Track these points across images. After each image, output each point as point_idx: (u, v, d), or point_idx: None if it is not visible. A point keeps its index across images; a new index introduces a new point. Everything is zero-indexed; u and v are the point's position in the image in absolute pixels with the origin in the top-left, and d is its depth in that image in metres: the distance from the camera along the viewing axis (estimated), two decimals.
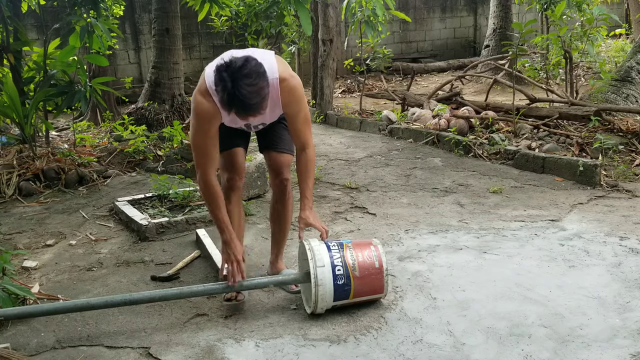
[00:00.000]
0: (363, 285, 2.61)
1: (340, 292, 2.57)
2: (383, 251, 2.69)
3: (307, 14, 5.67)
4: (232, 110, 2.33)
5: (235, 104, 2.28)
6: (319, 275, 2.53)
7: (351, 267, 2.58)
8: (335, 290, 2.56)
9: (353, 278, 2.57)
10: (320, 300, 2.55)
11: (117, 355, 2.43)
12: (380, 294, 2.68)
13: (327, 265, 2.55)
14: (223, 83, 2.26)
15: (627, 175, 4.55)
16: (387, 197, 4.41)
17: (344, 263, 2.58)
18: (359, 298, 2.65)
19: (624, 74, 6.51)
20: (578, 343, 2.36)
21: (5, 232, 3.98)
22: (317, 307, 2.58)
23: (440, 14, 13.59)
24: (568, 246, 3.33)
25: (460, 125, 6.01)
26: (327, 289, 2.54)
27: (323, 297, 2.55)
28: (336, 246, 2.64)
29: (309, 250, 2.59)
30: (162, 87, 6.89)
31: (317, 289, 2.53)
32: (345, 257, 2.60)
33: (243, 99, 2.25)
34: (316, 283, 2.52)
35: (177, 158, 5.34)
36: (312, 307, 2.59)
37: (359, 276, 2.58)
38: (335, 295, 2.57)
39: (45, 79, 5.24)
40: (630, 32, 11.76)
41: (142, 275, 3.21)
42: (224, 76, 2.26)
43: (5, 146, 5.41)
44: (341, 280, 2.56)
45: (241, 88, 2.23)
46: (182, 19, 7.47)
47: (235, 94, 2.24)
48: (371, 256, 2.64)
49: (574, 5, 6.86)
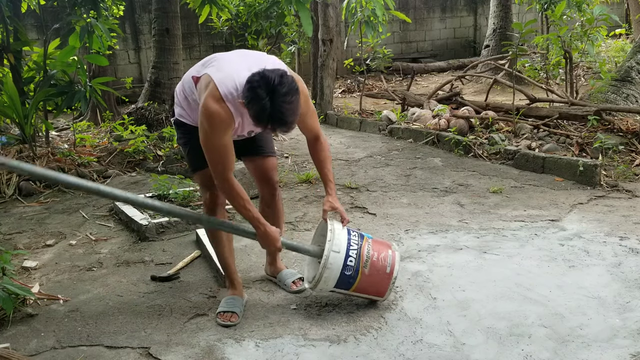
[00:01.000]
0: (368, 284, 2.61)
1: (344, 282, 2.59)
2: (399, 259, 2.69)
3: (308, 14, 5.67)
4: (262, 125, 2.31)
5: (272, 120, 2.26)
6: (330, 259, 2.54)
7: (363, 262, 2.59)
8: (339, 278, 2.57)
9: (361, 273, 2.58)
10: (322, 281, 2.57)
11: (117, 355, 2.43)
12: (380, 297, 2.69)
13: (342, 252, 2.55)
14: (259, 100, 2.22)
15: (627, 175, 4.55)
16: (387, 197, 4.41)
17: (358, 255, 2.58)
18: (358, 294, 2.66)
19: (624, 74, 6.51)
20: (578, 343, 2.36)
21: (5, 232, 3.98)
22: (317, 287, 2.61)
23: (440, 14, 13.59)
24: (568, 246, 3.33)
25: (460, 125, 6.01)
26: (332, 274, 2.56)
27: (326, 280, 2.57)
28: (357, 237, 2.64)
29: (331, 231, 2.59)
30: (162, 87, 6.89)
31: (323, 270, 2.54)
32: (362, 250, 2.60)
33: (282, 117, 2.24)
34: (325, 265, 2.54)
35: (177, 158, 5.35)
36: (312, 285, 2.62)
37: (367, 274, 2.59)
38: (337, 282, 2.59)
39: (45, 79, 5.24)
40: (630, 32, 11.77)
41: (142, 275, 3.21)
42: (260, 93, 2.22)
43: (5, 146, 5.41)
44: (349, 271, 2.57)
45: (281, 107, 2.22)
46: (182, 19, 7.47)
47: (273, 111, 2.23)
48: (386, 259, 2.64)
49: (574, 5, 6.87)
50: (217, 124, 2.41)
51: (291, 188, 4.63)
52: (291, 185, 4.69)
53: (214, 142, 2.44)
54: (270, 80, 2.23)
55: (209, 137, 2.44)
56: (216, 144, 2.45)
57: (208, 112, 2.40)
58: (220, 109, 2.39)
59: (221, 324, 2.63)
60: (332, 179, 2.75)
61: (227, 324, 2.62)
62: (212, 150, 2.47)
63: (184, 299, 2.90)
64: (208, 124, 2.41)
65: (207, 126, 2.42)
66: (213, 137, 2.43)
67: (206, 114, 2.41)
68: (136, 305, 2.85)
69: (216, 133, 2.43)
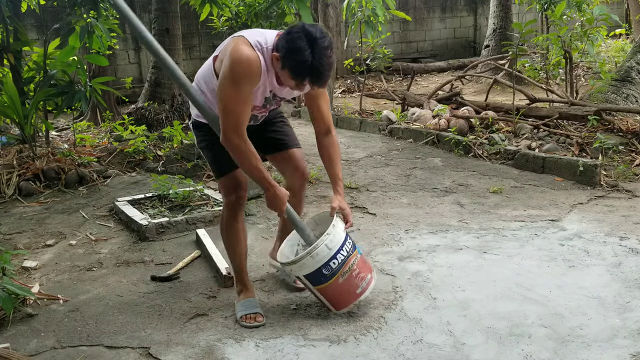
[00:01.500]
0: (334, 291, 2.58)
1: (316, 277, 2.55)
2: (373, 287, 2.67)
3: (308, 12, 5.66)
4: (300, 80, 2.27)
5: (312, 73, 2.24)
6: (319, 251, 2.50)
7: (343, 271, 2.55)
8: (315, 272, 2.53)
9: (335, 279, 2.54)
10: (298, 266, 2.53)
11: (117, 355, 2.43)
12: (335, 309, 2.64)
13: (332, 251, 2.52)
14: (300, 51, 2.19)
15: (627, 175, 4.55)
16: (387, 197, 4.41)
17: (343, 263, 2.55)
18: (319, 294, 2.62)
19: (624, 74, 6.51)
20: (578, 343, 2.36)
21: (5, 232, 3.98)
22: (290, 267, 2.57)
23: (440, 14, 13.59)
24: (568, 246, 3.33)
25: (460, 125, 6.01)
26: (311, 265, 2.51)
27: (301, 267, 2.53)
28: (350, 245, 2.61)
29: (333, 226, 2.56)
30: (162, 87, 6.90)
31: (306, 257, 2.50)
32: (348, 259, 2.57)
33: (322, 69, 2.23)
34: (310, 253, 2.50)
35: (177, 158, 5.35)
36: (287, 263, 2.57)
37: (339, 283, 2.55)
38: (310, 274, 2.54)
39: (45, 79, 5.24)
40: (630, 32, 11.77)
41: (142, 275, 3.21)
42: (301, 44, 2.19)
43: (5, 146, 5.41)
44: (327, 271, 2.53)
45: (322, 60, 2.21)
46: (182, 19, 7.47)
47: (314, 63, 2.21)
48: (363, 280, 2.62)
49: (574, 5, 6.86)
50: (244, 71, 2.29)
51: None
52: None
53: (234, 91, 2.30)
54: (312, 32, 2.22)
55: (231, 85, 2.30)
56: (237, 94, 2.30)
57: (237, 56, 2.28)
58: (251, 55, 2.29)
59: (249, 326, 2.58)
60: (342, 177, 2.71)
61: (256, 325, 2.58)
62: (230, 100, 2.31)
63: (184, 299, 2.90)
64: (234, 70, 2.28)
65: (232, 73, 2.29)
66: (236, 85, 2.29)
67: (235, 57, 2.28)
68: (136, 305, 2.85)
69: (241, 82, 2.29)
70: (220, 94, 2.35)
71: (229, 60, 2.30)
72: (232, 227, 2.69)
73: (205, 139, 2.66)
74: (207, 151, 2.69)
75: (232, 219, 2.68)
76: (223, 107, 2.35)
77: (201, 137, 2.69)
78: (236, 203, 2.65)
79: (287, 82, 2.35)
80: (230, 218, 2.68)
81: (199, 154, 5.31)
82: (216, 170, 2.69)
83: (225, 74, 2.32)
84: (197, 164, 5.19)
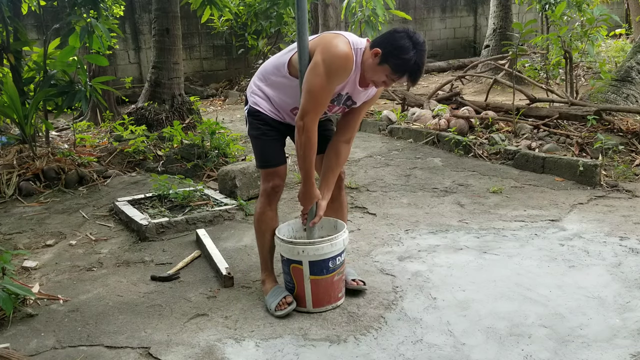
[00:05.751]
0: (325, 287, 2.68)
1: (320, 267, 2.64)
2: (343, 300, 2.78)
3: None
4: (399, 75, 2.42)
5: (412, 70, 2.42)
6: (337, 242, 2.64)
7: (339, 271, 2.72)
8: (323, 261, 2.63)
9: (332, 275, 2.68)
10: (315, 248, 2.60)
11: (117, 355, 2.43)
12: (310, 307, 2.70)
13: (341, 248, 2.68)
14: (406, 50, 2.37)
15: (627, 175, 4.55)
16: (387, 197, 4.41)
17: (340, 264, 2.71)
18: (307, 286, 2.67)
19: (624, 74, 6.51)
20: (578, 343, 2.36)
21: (5, 232, 3.98)
22: (304, 248, 2.61)
23: (440, 14, 13.60)
24: (568, 246, 3.33)
25: (460, 125, 6.01)
26: (325, 252, 2.61)
27: (317, 250, 2.60)
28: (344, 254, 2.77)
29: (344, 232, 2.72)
30: (162, 87, 6.89)
31: (326, 242, 2.61)
32: (343, 264, 2.74)
33: (421, 68, 2.43)
34: (331, 240, 2.62)
35: (177, 158, 5.35)
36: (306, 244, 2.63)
37: (334, 280, 2.70)
38: (317, 262, 2.62)
39: (45, 79, 5.24)
40: (630, 32, 11.78)
41: (142, 275, 3.21)
42: (407, 44, 2.38)
43: (5, 146, 5.41)
44: (332, 264, 2.65)
45: (422, 58, 2.42)
46: (182, 19, 7.47)
47: (417, 61, 2.40)
48: (343, 288, 2.79)
49: (574, 5, 6.86)
50: (341, 66, 2.43)
51: (291, 188, 4.62)
52: (291, 185, 4.68)
53: (326, 81, 2.42)
54: (415, 36, 2.42)
55: (324, 74, 2.41)
56: (327, 84, 2.44)
57: (337, 51, 2.42)
58: (350, 53, 2.44)
59: (283, 314, 2.65)
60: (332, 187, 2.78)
61: (288, 309, 2.65)
62: (320, 87, 2.43)
63: (184, 299, 2.90)
64: (332, 63, 2.41)
65: (329, 65, 2.41)
66: (329, 77, 2.42)
67: (335, 52, 2.42)
68: (136, 305, 2.85)
69: (334, 75, 2.44)
70: (312, 79, 2.45)
71: (329, 53, 2.43)
72: (265, 214, 2.78)
73: (260, 129, 2.73)
74: (257, 141, 2.76)
75: (266, 206, 2.77)
76: (311, 91, 2.45)
77: (255, 125, 2.75)
78: (272, 191, 2.75)
79: (378, 77, 2.47)
80: (264, 205, 2.78)
81: (199, 154, 5.32)
82: (262, 162, 2.78)
83: (321, 63, 2.43)
84: (197, 164, 5.19)
